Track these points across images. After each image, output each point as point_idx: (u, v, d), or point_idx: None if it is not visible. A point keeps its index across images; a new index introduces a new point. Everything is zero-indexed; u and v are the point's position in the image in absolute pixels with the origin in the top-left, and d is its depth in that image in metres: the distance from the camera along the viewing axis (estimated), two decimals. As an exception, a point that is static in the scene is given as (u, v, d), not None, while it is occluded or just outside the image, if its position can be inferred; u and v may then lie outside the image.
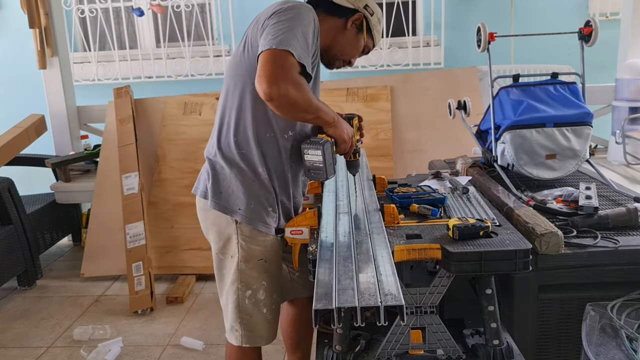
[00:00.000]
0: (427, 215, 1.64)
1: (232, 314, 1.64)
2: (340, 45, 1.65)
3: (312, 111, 1.44)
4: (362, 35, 1.66)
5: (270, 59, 1.36)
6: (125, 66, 4.82)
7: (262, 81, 1.35)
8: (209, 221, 1.65)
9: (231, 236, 1.60)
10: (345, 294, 1.07)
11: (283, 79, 1.35)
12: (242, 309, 1.63)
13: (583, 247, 1.62)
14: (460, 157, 2.52)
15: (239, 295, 1.62)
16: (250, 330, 1.65)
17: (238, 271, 1.60)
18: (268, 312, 1.66)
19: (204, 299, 3.15)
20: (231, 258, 1.62)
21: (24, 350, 2.67)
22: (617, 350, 1.35)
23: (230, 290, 1.63)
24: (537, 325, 1.67)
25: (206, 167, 1.64)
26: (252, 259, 1.60)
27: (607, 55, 3.71)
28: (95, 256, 3.48)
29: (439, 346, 1.43)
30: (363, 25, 1.65)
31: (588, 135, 2.16)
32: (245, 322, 1.64)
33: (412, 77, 3.87)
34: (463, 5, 4.65)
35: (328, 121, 1.51)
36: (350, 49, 1.67)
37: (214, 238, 1.65)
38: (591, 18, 2.22)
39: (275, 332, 1.71)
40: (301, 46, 1.40)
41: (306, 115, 1.45)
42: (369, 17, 1.65)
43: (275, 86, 1.34)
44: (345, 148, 1.58)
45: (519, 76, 2.29)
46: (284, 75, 1.35)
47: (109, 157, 3.64)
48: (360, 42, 1.67)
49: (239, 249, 1.59)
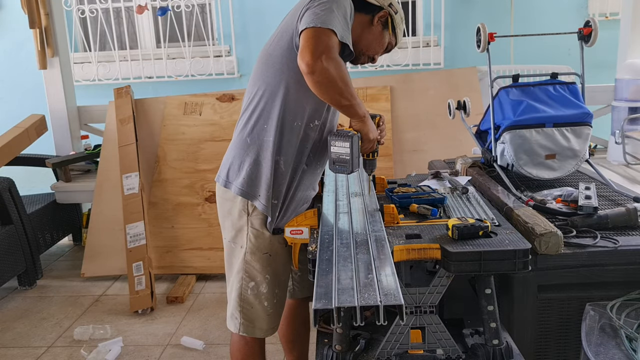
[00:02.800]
0: (427, 215, 1.64)
1: (234, 302, 1.70)
2: (366, 40, 1.68)
3: (347, 95, 1.45)
4: (387, 32, 1.71)
5: (314, 35, 1.39)
6: (126, 66, 4.83)
7: (305, 55, 1.37)
8: (225, 209, 1.69)
9: (243, 227, 1.65)
10: (345, 293, 1.07)
11: (327, 54, 1.37)
12: (243, 299, 1.68)
13: (583, 247, 1.62)
14: (460, 157, 2.52)
15: (242, 285, 1.67)
16: (250, 321, 1.69)
17: (244, 262, 1.66)
18: (269, 305, 1.69)
19: (204, 298, 3.15)
20: (240, 248, 1.67)
21: (25, 350, 2.68)
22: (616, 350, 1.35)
23: (235, 279, 1.69)
24: (537, 325, 1.68)
25: (229, 155, 1.68)
26: (257, 252, 1.65)
27: (606, 55, 3.71)
28: (95, 256, 3.49)
29: (438, 346, 1.44)
30: (388, 23, 1.69)
31: (588, 135, 2.16)
32: (245, 312, 1.69)
33: (412, 77, 3.87)
34: (463, 6, 4.65)
35: (359, 113, 1.52)
36: (375, 45, 1.71)
37: (228, 227, 1.69)
38: (591, 18, 2.22)
39: (275, 326, 1.74)
40: (342, 27, 1.44)
41: (341, 98, 1.45)
42: (394, 15, 1.69)
43: (320, 60, 1.36)
44: (368, 146, 1.61)
45: (519, 76, 2.29)
46: (327, 51, 1.38)
47: (110, 157, 3.65)
48: (385, 39, 1.72)
49: (247, 241, 1.65)
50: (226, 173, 1.66)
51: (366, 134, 1.57)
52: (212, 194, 3.48)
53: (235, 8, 4.69)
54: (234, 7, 4.68)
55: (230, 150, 1.68)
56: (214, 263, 3.38)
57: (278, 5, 4.67)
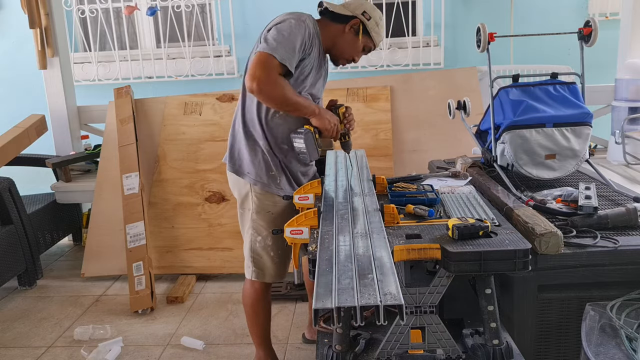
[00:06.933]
0: (424, 216, 1.64)
1: (247, 254, 2.06)
2: (339, 46, 1.99)
3: (289, 105, 1.82)
4: (359, 38, 1.98)
5: (256, 60, 1.74)
6: (126, 66, 4.83)
7: (248, 78, 1.75)
8: (232, 182, 2.08)
9: (248, 193, 2.02)
10: (345, 293, 1.07)
11: (264, 78, 1.73)
12: (253, 250, 2.05)
13: (583, 247, 1.62)
14: (460, 157, 2.52)
15: (252, 239, 2.04)
16: (260, 269, 2.05)
17: (252, 220, 2.02)
18: (275, 255, 2.04)
19: (204, 298, 3.15)
20: (247, 211, 2.04)
21: (25, 350, 2.68)
22: (616, 350, 1.35)
23: (247, 235, 2.06)
24: (537, 325, 1.68)
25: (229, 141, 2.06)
26: (261, 211, 2.00)
27: (606, 55, 3.71)
28: (95, 256, 3.49)
29: (438, 346, 1.44)
30: (360, 29, 1.96)
31: (588, 135, 2.16)
32: (256, 261, 2.05)
33: (412, 77, 3.87)
34: (463, 6, 4.65)
35: (309, 112, 1.88)
36: (349, 50, 2.00)
37: (237, 195, 2.08)
38: (591, 18, 2.22)
39: (282, 274, 2.09)
40: (286, 50, 1.75)
41: (285, 107, 1.85)
42: (366, 21, 1.96)
43: (256, 83, 1.73)
44: (329, 134, 1.95)
45: (519, 76, 2.29)
46: (265, 75, 1.73)
47: (110, 157, 3.65)
48: (357, 44, 1.99)
49: (252, 203, 2.01)
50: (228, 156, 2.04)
51: (322, 125, 1.91)
52: (212, 194, 3.48)
53: (235, 8, 4.69)
54: (234, 7, 4.68)
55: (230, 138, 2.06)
56: (214, 263, 3.38)
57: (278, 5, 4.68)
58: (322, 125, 1.91)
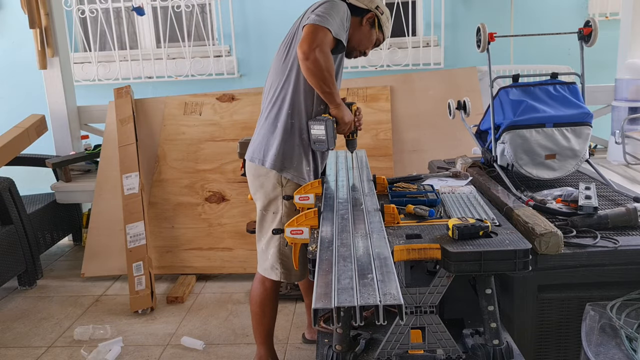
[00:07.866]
0: (425, 216, 1.64)
1: (274, 256, 2.06)
2: (357, 38, 2.06)
3: (329, 84, 1.83)
4: (375, 30, 2.08)
5: (313, 30, 1.77)
6: (126, 66, 4.83)
7: (303, 44, 1.76)
8: (257, 184, 2.05)
9: (277, 197, 2.01)
10: (345, 293, 1.07)
11: (320, 47, 1.75)
12: (282, 253, 2.05)
13: (583, 247, 1.62)
14: (460, 157, 2.52)
15: (280, 242, 2.03)
16: (287, 270, 2.07)
17: (281, 224, 1.99)
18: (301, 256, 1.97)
19: (204, 298, 3.15)
20: (273, 214, 2.04)
21: (25, 350, 2.68)
22: (616, 350, 1.35)
23: (273, 238, 2.04)
24: (537, 325, 1.68)
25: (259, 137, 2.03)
26: (292, 214, 1.92)
27: (606, 55, 3.71)
28: (95, 256, 3.48)
29: (438, 346, 1.44)
30: (375, 22, 2.06)
31: (588, 135, 2.16)
32: (284, 263, 2.06)
33: (412, 77, 3.87)
34: (463, 5, 4.65)
35: (336, 101, 1.91)
36: (365, 41, 2.09)
37: (260, 197, 2.06)
38: (591, 18, 2.22)
39: (305, 274, 2.11)
40: (338, 27, 1.81)
41: (324, 85, 1.83)
42: (380, 15, 2.06)
43: (313, 51, 1.74)
44: (344, 128, 1.99)
45: (519, 76, 2.29)
46: (321, 45, 1.75)
47: (110, 157, 3.65)
48: (373, 36, 2.09)
49: (282, 207, 2.02)
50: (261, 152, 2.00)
51: (341, 118, 1.95)
52: (212, 194, 3.48)
53: (235, 8, 4.69)
54: (234, 7, 4.68)
55: (258, 134, 2.04)
56: (214, 263, 3.38)
57: (278, 5, 4.70)
58: (341, 117, 1.95)
